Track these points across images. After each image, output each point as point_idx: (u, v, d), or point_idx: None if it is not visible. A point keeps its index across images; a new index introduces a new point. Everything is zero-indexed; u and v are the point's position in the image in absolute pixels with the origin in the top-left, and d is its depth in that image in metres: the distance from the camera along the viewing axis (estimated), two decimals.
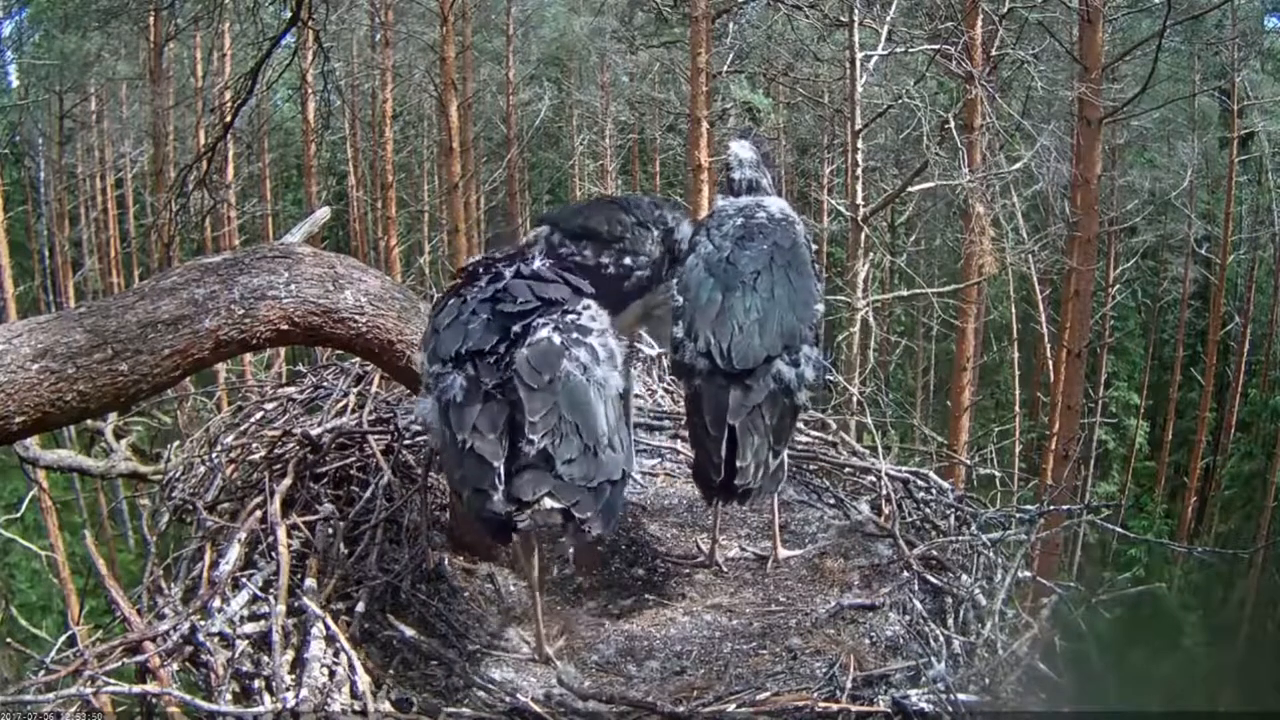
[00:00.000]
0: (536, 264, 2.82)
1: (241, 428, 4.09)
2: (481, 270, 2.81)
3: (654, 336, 3.84)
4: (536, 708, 2.54)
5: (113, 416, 5.08)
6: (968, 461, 7.32)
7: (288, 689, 2.53)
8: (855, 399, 4.47)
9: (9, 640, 4.96)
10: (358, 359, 3.97)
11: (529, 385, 2.42)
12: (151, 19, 16.46)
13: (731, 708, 2.57)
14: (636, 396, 4.35)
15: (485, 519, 2.38)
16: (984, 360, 18.73)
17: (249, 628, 2.77)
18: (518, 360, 2.46)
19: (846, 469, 4.12)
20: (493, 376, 2.47)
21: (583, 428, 2.42)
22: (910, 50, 11.95)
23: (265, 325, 2.94)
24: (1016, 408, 18.78)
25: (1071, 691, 3.12)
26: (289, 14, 8.13)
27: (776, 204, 3.47)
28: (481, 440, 2.38)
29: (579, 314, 2.65)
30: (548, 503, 2.33)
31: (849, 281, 11.43)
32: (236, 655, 2.64)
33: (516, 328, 2.54)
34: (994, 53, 12.64)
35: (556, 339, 2.54)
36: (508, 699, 2.60)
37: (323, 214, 5.52)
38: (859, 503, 3.89)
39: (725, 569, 3.44)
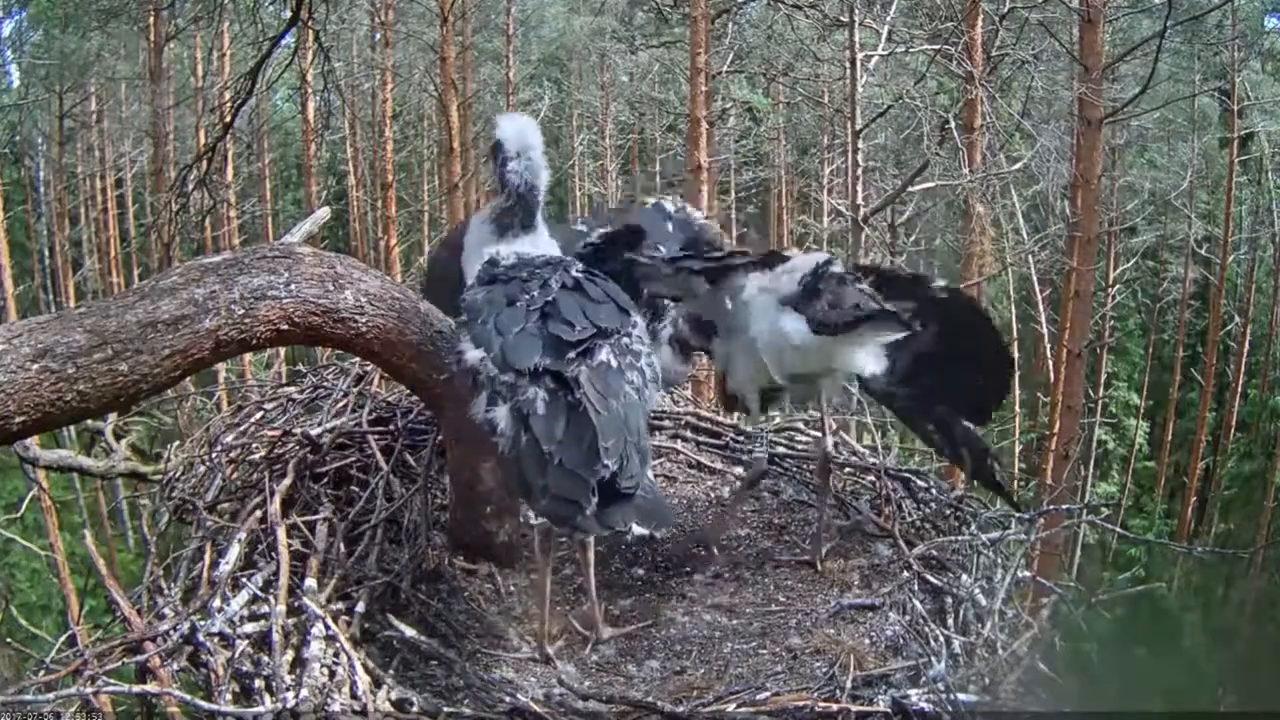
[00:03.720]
0: (574, 271, 2.82)
1: (241, 428, 4.08)
2: (526, 276, 2.80)
3: None
4: (536, 708, 2.54)
5: (113, 416, 5.06)
6: None
7: (288, 689, 2.52)
8: (855, 399, 4.46)
9: (9, 640, 4.95)
10: (358, 359, 3.97)
11: (598, 410, 2.52)
12: (151, 19, 16.47)
13: (731, 708, 2.57)
14: None
15: (572, 526, 2.55)
16: None
17: (249, 628, 2.76)
18: (584, 383, 2.56)
19: (846, 469, 4.12)
20: (570, 393, 2.57)
21: (640, 446, 2.58)
22: (910, 50, 11.96)
23: (265, 325, 2.94)
24: (1016, 408, 18.77)
25: (1071, 691, 3.12)
26: (289, 14, 8.12)
27: None
28: (571, 455, 2.48)
29: (630, 336, 2.74)
30: (636, 529, 2.51)
31: None
32: (236, 655, 2.64)
33: (572, 355, 2.61)
34: (994, 53, 12.64)
35: (614, 362, 2.65)
36: (508, 699, 2.60)
37: (323, 214, 5.52)
38: (859, 503, 3.89)
39: (725, 572, 3.44)
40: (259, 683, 2.59)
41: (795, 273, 3.14)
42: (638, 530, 2.51)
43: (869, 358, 3.16)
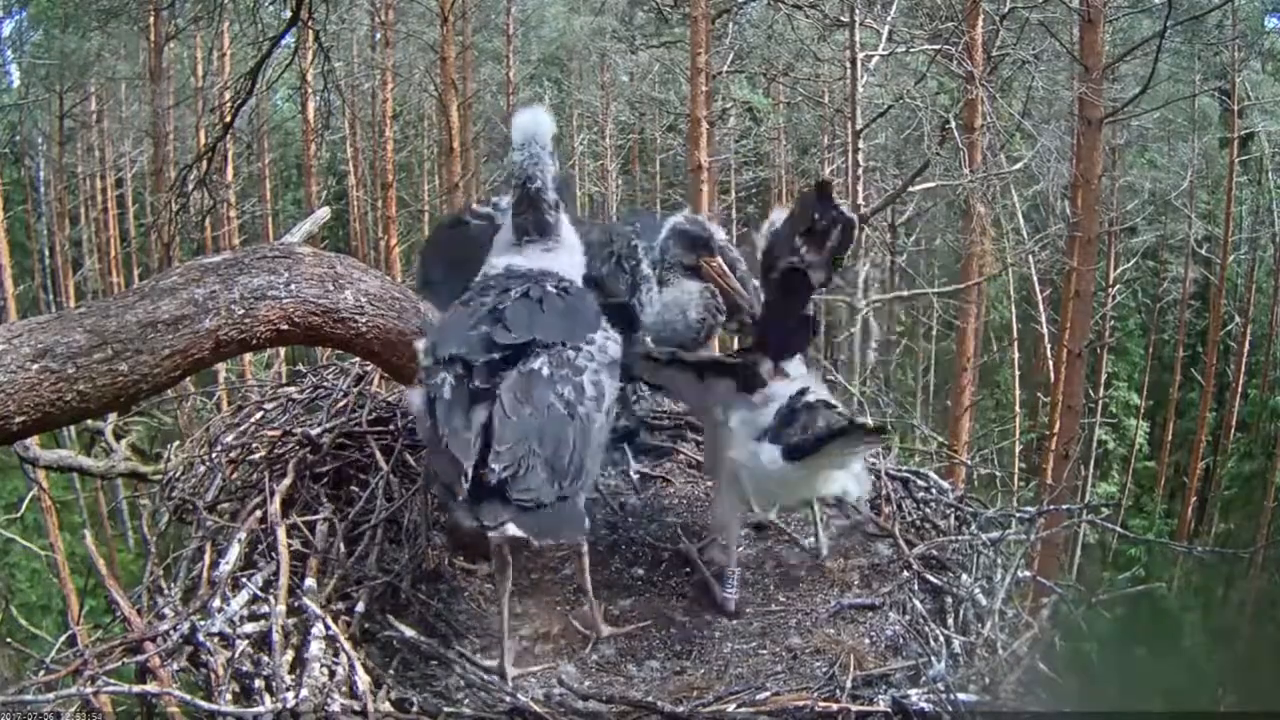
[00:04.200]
0: (549, 285, 2.74)
1: (241, 428, 4.08)
2: (497, 286, 2.78)
3: None
4: (536, 708, 2.54)
5: (113, 416, 5.07)
6: (968, 461, 7.32)
7: (288, 689, 2.52)
8: (855, 399, 4.47)
9: (9, 640, 4.96)
10: (358, 359, 3.97)
11: (506, 415, 2.45)
12: (151, 19, 16.48)
13: (731, 708, 2.57)
14: (637, 396, 4.35)
15: (447, 511, 2.51)
16: (984, 360, 18.74)
17: (249, 628, 2.76)
18: (502, 387, 2.50)
19: None
20: (483, 380, 2.53)
21: (555, 462, 2.45)
22: (911, 50, 11.97)
23: (265, 325, 2.94)
24: (1016, 408, 18.79)
25: (1071, 691, 3.12)
26: (289, 14, 8.13)
27: None
28: (457, 439, 2.44)
29: (578, 350, 2.65)
30: (510, 529, 2.38)
31: (850, 282, 11.44)
32: (236, 655, 2.64)
33: (495, 355, 2.56)
34: (994, 53, 12.65)
35: (545, 371, 2.56)
36: (508, 699, 2.60)
37: (323, 214, 5.53)
38: (859, 503, 3.87)
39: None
40: (259, 683, 2.59)
41: (772, 404, 3.11)
42: (513, 531, 2.38)
43: (851, 480, 3.13)
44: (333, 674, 2.60)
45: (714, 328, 3.68)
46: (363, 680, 2.58)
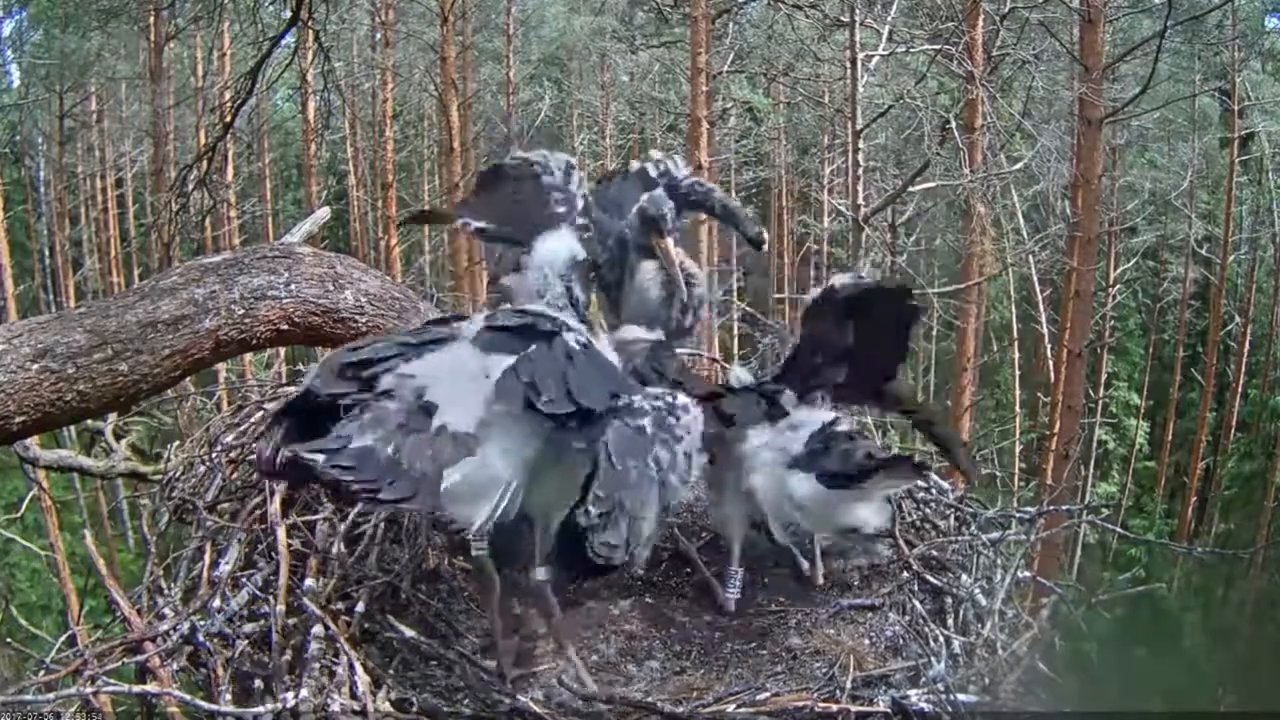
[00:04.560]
0: (573, 339, 2.54)
1: (241, 428, 4.07)
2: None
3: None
4: (536, 708, 2.54)
5: (113, 416, 5.06)
6: None
7: (288, 689, 2.52)
8: None
9: (9, 640, 4.96)
10: None
11: (613, 464, 2.38)
12: (151, 19, 16.50)
13: (731, 708, 2.57)
14: None
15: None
16: (984, 360, 18.75)
17: (249, 628, 2.76)
18: (610, 436, 2.41)
19: None
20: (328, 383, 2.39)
21: (633, 526, 2.39)
22: (911, 50, 11.98)
23: (265, 325, 2.95)
24: (1016, 408, 18.80)
25: (1071, 691, 3.12)
26: (289, 14, 8.14)
27: None
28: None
29: (679, 416, 2.55)
30: (319, 460, 2.12)
31: None
32: (236, 655, 2.64)
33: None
34: (994, 53, 12.66)
35: (650, 429, 2.48)
36: (508, 699, 2.60)
37: (323, 214, 5.53)
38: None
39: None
40: (259, 683, 2.59)
41: (800, 430, 3.05)
42: (320, 467, 2.12)
43: (873, 512, 3.05)
44: (333, 674, 2.60)
45: (689, 308, 3.49)
46: (363, 680, 2.58)
